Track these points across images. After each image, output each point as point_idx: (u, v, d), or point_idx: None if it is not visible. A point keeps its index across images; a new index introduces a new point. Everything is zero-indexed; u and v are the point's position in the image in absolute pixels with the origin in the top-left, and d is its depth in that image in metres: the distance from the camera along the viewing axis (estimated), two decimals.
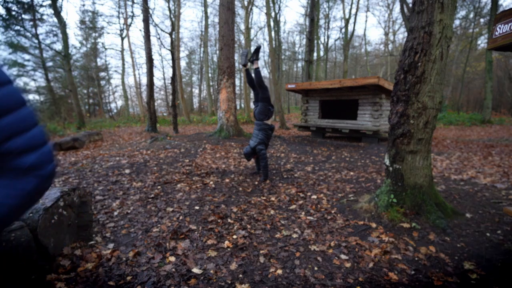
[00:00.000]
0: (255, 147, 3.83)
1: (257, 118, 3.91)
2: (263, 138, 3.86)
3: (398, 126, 2.66)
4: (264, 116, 3.86)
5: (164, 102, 30.74)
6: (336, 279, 1.82)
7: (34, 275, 1.68)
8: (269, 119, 3.92)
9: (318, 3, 18.61)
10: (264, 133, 3.88)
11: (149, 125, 11.81)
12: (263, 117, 3.87)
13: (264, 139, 3.87)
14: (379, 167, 4.91)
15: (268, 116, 3.88)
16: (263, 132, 3.88)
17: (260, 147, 3.82)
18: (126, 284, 1.74)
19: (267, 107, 3.84)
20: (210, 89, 22.82)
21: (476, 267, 1.91)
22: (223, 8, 8.20)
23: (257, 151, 3.83)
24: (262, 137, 3.85)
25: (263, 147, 3.85)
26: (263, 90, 3.82)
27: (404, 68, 2.57)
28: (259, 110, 3.86)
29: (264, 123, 3.89)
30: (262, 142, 3.85)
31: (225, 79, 8.40)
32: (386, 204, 2.73)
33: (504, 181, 3.83)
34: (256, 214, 2.86)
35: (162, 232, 2.43)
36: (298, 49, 31.94)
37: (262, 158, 3.85)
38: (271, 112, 3.88)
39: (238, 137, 8.27)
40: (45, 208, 1.84)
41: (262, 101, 3.84)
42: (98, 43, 23.54)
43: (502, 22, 2.15)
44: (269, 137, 3.96)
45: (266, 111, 3.84)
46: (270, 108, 3.86)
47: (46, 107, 17.01)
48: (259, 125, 3.90)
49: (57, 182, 3.88)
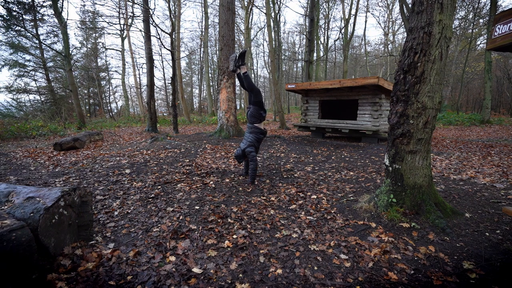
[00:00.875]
0: (245, 149, 3.83)
1: (249, 121, 3.93)
2: (253, 141, 3.86)
3: (398, 126, 2.67)
4: (256, 120, 3.87)
5: (164, 102, 30.74)
6: (336, 279, 1.83)
7: (35, 275, 1.69)
8: (261, 123, 3.93)
9: (318, 3, 18.62)
10: (255, 136, 3.88)
11: (149, 125, 11.82)
12: (254, 120, 3.88)
13: (254, 142, 3.87)
14: (379, 167, 4.92)
15: (260, 120, 3.89)
16: (254, 135, 3.88)
17: (249, 149, 3.81)
18: (127, 283, 1.74)
19: (259, 111, 3.85)
20: (210, 89, 22.81)
21: (475, 266, 1.92)
22: (223, 9, 8.21)
23: (247, 153, 3.82)
24: (252, 140, 3.86)
25: (253, 149, 3.83)
26: (255, 94, 3.82)
27: (404, 68, 2.58)
28: (251, 113, 3.86)
29: (255, 126, 3.89)
30: (252, 145, 3.84)
31: (225, 79, 8.41)
32: (386, 204, 2.74)
33: (503, 181, 3.84)
34: (256, 214, 2.86)
35: (162, 232, 2.44)
36: (298, 49, 31.99)
37: (251, 160, 3.83)
38: (263, 117, 3.89)
39: (238, 137, 8.28)
40: (46, 208, 1.85)
41: (254, 105, 3.85)
42: (99, 43, 23.54)
43: (501, 23, 2.16)
44: (260, 141, 3.96)
45: (258, 115, 3.85)
46: (262, 113, 3.87)
47: (47, 107, 17.00)
48: (250, 128, 3.92)
49: (57, 182, 3.89)
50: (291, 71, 35.32)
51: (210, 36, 25.07)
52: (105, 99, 24.87)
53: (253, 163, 3.84)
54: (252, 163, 3.85)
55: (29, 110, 16.87)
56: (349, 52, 26.39)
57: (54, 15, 12.25)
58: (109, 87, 26.05)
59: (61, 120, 14.13)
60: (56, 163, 5.23)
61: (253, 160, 3.83)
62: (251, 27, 23.70)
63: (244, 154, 3.88)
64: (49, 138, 9.79)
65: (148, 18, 10.94)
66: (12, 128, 9.89)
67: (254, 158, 3.84)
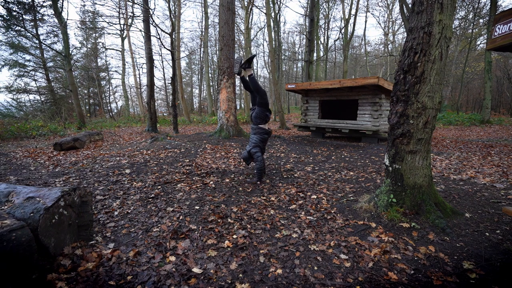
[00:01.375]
0: (250, 150, 3.90)
1: (254, 122, 3.99)
2: (258, 142, 3.94)
3: (398, 126, 2.67)
4: (261, 121, 3.93)
5: (164, 102, 30.73)
6: (336, 279, 1.83)
7: (35, 275, 1.69)
8: (265, 123, 3.98)
9: (318, 4, 18.61)
10: (260, 136, 3.95)
11: (149, 125, 11.82)
12: (259, 121, 3.94)
13: (259, 142, 3.94)
14: (379, 167, 4.92)
15: (265, 121, 3.95)
16: (258, 135, 3.95)
17: (254, 150, 3.89)
18: (127, 283, 1.74)
19: (264, 112, 3.91)
20: (210, 89, 22.81)
21: (475, 266, 1.92)
22: (223, 9, 8.21)
23: (252, 154, 3.90)
24: (256, 141, 3.93)
25: (258, 150, 3.91)
26: (261, 95, 3.86)
27: (404, 68, 2.58)
28: (256, 114, 3.92)
29: (260, 127, 3.95)
30: (257, 145, 3.93)
31: (225, 79, 8.41)
32: (386, 204, 2.74)
33: (503, 181, 3.84)
34: (256, 214, 2.86)
35: (162, 232, 2.44)
36: (298, 49, 31.98)
37: (256, 160, 3.91)
38: (268, 117, 3.95)
39: (238, 137, 8.28)
40: (46, 208, 1.85)
41: (260, 106, 3.90)
42: (99, 43, 23.54)
43: (501, 23, 2.16)
44: (265, 141, 4.03)
45: (263, 116, 3.91)
46: (267, 114, 3.93)
47: (47, 107, 17.00)
48: (255, 129, 3.99)
49: (57, 182, 3.89)
50: (291, 71, 35.31)
51: (210, 36, 25.08)
52: (105, 99, 24.86)
53: (258, 163, 3.90)
54: (257, 163, 3.91)
55: (29, 110, 16.87)
56: (349, 52, 26.38)
57: (54, 15, 12.25)
58: (109, 87, 26.06)
59: (61, 120, 14.13)
60: (56, 163, 5.23)
61: (258, 160, 3.89)
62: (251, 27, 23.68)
63: (250, 156, 3.94)
64: (49, 138, 9.79)
65: (148, 18, 10.94)
66: (12, 128, 9.89)
67: (259, 158, 3.89)
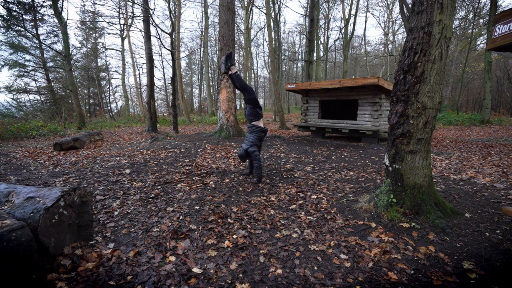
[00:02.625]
0: (247, 149, 3.88)
1: (248, 119, 4.01)
2: (254, 140, 3.93)
3: (398, 126, 2.67)
4: (254, 117, 3.94)
5: (164, 102, 30.73)
6: (336, 279, 1.83)
7: (35, 275, 1.69)
8: (259, 120, 3.98)
9: (318, 4, 18.62)
10: (256, 135, 3.95)
11: (149, 125, 11.82)
12: (252, 118, 3.95)
13: (256, 141, 3.94)
14: (379, 167, 4.92)
15: (257, 117, 3.95)
16: (254, 134, 3.95)
17: (252, 149, 3.86)
18: (127, 283, 1.74)
19: (254, 109, 3.93)
20: (210, 89, 22.80)
21: (475, 266, 1.92)
22: (223, 9, 8.21)
23: (250, 153, 3.87)
24: (253, 139, 3.93)
25: (256, 148, 3.90)
26: (248, 92, 3.89)
27: (404, 68, 2.58)
28: (248, 112, 3.96)
29: (255, 125, 3.95)
30: (254, 144, 3.91)
31: (225, 79, 8.41)
32: (386, 204, 2.74)
33: (503, 181, 3.84)
34: (256, 214, 2.86)
35: (162, 232, 2.44)
36: (298, 49, 31.99)
37: (255, 159, 3.89)
38: (259, 114, 3.96)
39: (238, 137, 8.28)
40: (46, 208, 1.85)
41: (248, 103, 3.93)
42: (99, 43, 23.54)
43: (501, 23, 2.16)
44: (261, 139, 4.03)
45: (254, 113, 3.93)
46: (258, 110, 3.94)
47: (47, 107, 17.00)
48: (250, 127, 4.00)
49: (57, 182, 3.89)
50: (291, 71, 35.32)
51: (210, 36, 25.08)
52: (105, 99, 24.86)
53: (257, 162, 3.89)
54: (256, 162, 3.90)
55: (29, 110, 16.86)
56: (349, 52, 26.39)
57: (54, 15, 12.25)
58: (109, 87, 26.05)
59: (61, 120, 14.13)
60: (56, 163, 5.23)
61: (257, 159, 3.88)
62: (251, 27, 23.70)
63: (247, 154, 3.92)
64: (49, 138, 9.79)
65: (148, 18, 10.94)
66: (12, 128, 9.89)
67: (258, 157, 3.88)
